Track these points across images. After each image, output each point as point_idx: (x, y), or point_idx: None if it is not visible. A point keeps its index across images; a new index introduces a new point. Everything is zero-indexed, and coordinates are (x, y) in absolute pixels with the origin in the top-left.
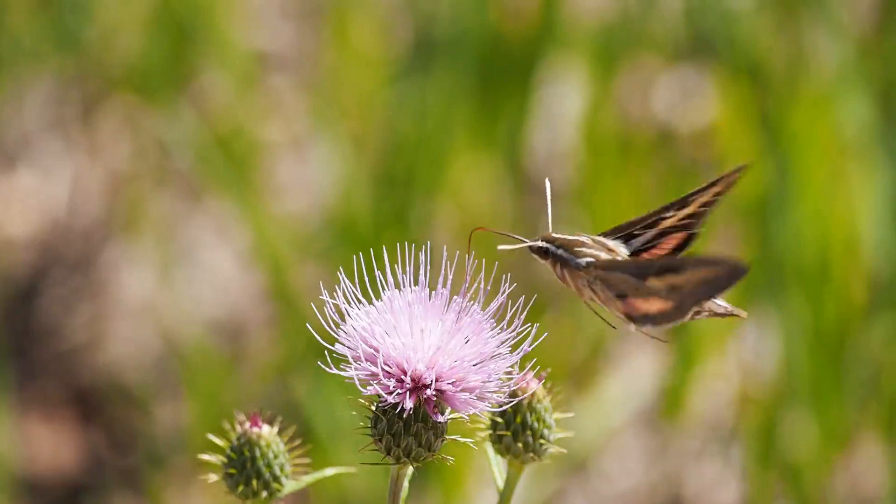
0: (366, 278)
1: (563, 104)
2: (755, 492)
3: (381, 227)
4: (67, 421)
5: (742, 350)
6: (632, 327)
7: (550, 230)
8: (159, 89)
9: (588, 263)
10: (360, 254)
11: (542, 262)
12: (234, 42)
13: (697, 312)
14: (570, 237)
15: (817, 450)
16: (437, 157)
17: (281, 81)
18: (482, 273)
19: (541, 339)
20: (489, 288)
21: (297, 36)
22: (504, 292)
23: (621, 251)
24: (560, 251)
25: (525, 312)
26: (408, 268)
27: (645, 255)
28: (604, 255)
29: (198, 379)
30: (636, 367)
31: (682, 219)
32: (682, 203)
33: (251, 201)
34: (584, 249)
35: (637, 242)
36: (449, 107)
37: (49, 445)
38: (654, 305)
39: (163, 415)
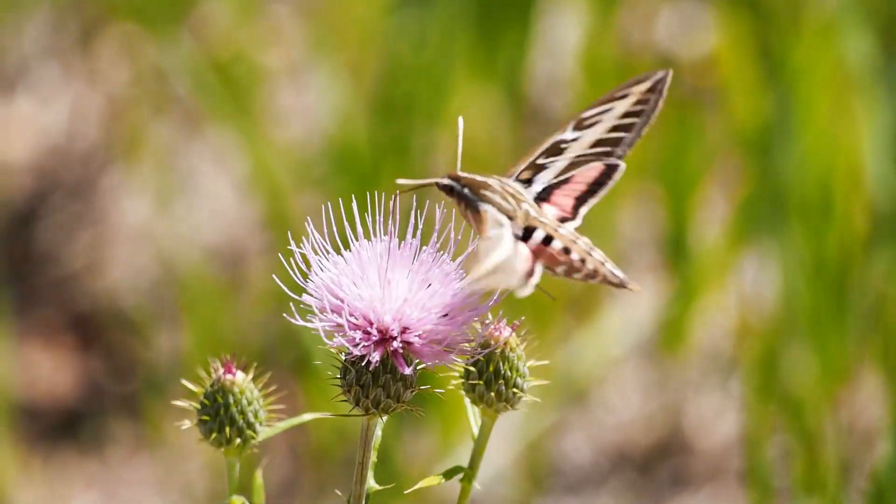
0: (335, 229)
1: (563, 33)
2: (754, 424)
3: (379, 156)
4: (66, 347)
5: (743, 282)
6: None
7: (458, 169)
8: (158, 16)
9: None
10: (329, 203)
11: (449, 199)
12: None
13: (590, 276)
14: (479, 178)
15: (817, 382)
16: (436, 86)
17: (280, 8)
18: (452, 222)
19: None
20: (459, 238)
21: None
22: (475, 241)
23: (526, 197)
24: (465, 190)
25: None
26: (377, 217)
27: (555, 198)
28: (505, 205)
29: (196, 306)
30: (636, 299)
31: (594, 144)
32: (577, 121)
33: (249, 129)
34: (488, 193)
35: (546, 176)
36: (449, 35)
37: (47, 372)
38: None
39: (161, 341)
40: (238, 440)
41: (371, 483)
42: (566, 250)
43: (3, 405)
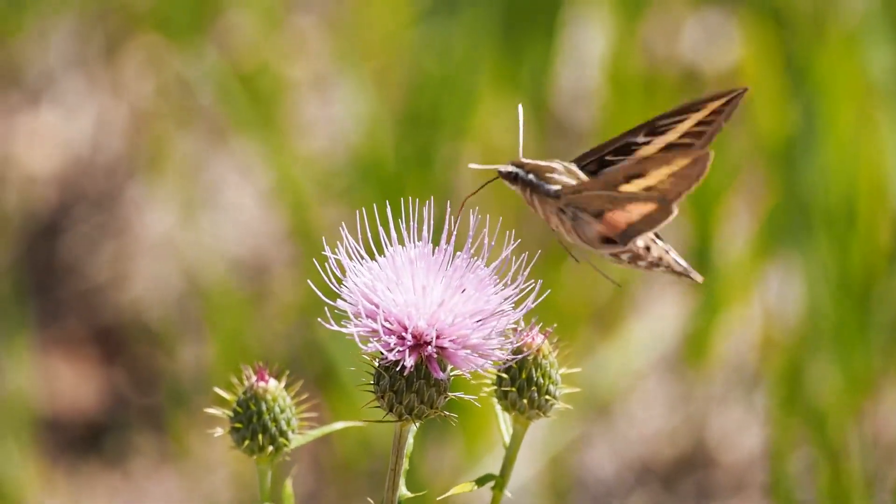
0: (369, 234)
1: (588, 45)
2: (778, 437)
3: (404, 168)
4: (90, 359)
5: (767, 295)
6: (605, 252)
7: (521, 156)
8: (183, 27)
9: (557, 191)
10: (363, 209)
11: (512, 187)
12: None
13: (654, 265)
14: (542, 163)
15: (841, 395)
16: (461, 98)
17: (305, 20)
18: (486, 228)
19: (544, 296)
20: (493, 243)
21: None
22: (509, 247)
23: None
24: (529, 176)
25: (530, 267)
26: (412, 223)
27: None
28: (573, 183)
29: (220, 318)
30: (660, 311)
31: (665, 149)
32: (651, 127)
33: (274, 140)
34: (554, 176)
35: None
36: (474, 47)
37: (71, 384)
38: (634, 212)
39: (185, 353)
40: (270, 448)
41: (403, 490)
42: None
43: (26, 417)
